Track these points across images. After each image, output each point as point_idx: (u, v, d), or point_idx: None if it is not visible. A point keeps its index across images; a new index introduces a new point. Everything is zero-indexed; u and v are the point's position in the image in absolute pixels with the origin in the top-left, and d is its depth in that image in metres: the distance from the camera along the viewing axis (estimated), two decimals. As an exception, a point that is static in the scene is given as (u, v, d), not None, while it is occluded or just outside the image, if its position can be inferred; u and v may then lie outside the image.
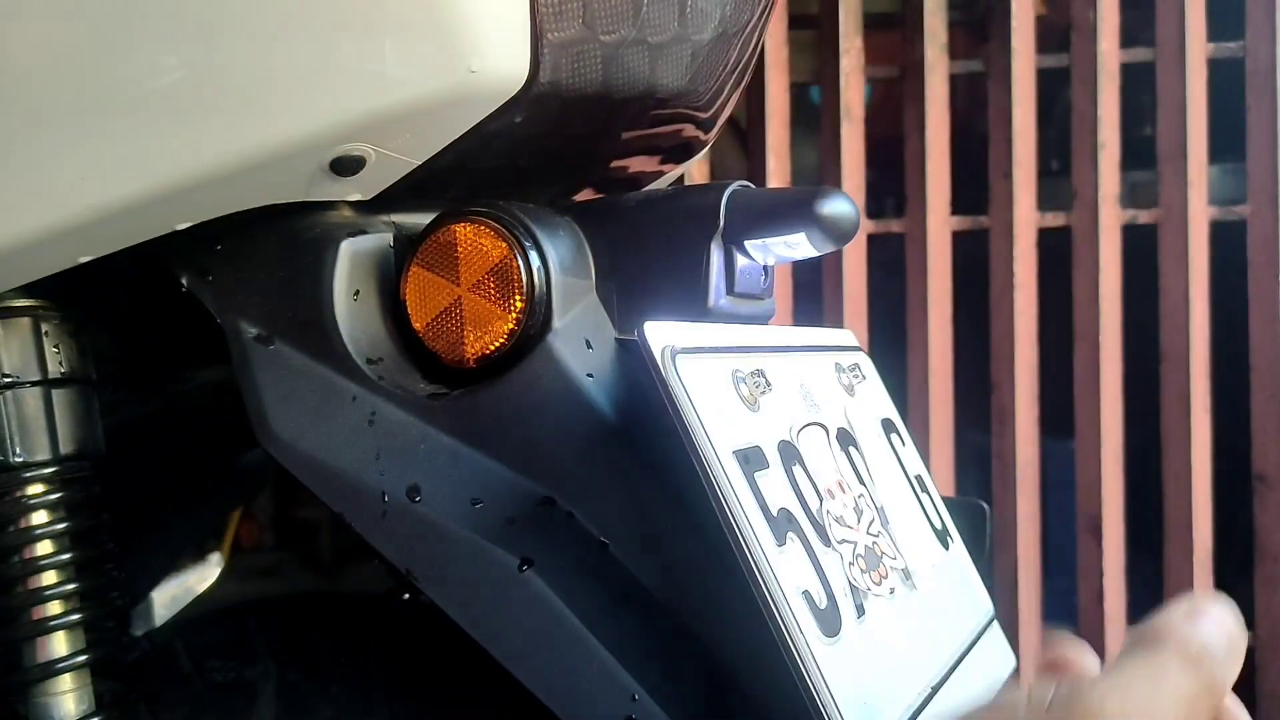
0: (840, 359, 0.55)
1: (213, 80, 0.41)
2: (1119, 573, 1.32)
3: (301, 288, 0.47)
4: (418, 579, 0.44)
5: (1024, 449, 1.33)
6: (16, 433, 0.49)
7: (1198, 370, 1.30)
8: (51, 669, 0.50)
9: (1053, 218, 1.34)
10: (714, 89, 0.55)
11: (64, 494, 0.50)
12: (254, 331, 0.47)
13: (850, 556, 0.46)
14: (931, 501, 0.57)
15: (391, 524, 0.44)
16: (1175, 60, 1.30)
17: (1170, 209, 1.31)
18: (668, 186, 0.67)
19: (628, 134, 0.54)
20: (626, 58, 0.48)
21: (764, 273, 0.51)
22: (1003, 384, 1.34)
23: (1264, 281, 1.29)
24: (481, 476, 0.44)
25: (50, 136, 0.41)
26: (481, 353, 0.46)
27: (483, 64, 0.42)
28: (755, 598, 0.40)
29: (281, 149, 0.42)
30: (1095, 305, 1.31)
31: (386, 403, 0.45)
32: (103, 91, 0.40)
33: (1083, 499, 1.33)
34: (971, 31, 1.52)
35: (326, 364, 0.46)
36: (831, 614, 0.42)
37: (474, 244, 0.46)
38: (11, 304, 0.49)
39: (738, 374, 0.45)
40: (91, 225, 0.42)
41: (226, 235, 0.48)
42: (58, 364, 0.50)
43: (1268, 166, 1.29)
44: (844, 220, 0.47)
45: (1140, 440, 1.34)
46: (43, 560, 0.50)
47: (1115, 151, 1.32)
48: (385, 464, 0.45)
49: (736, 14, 0.53)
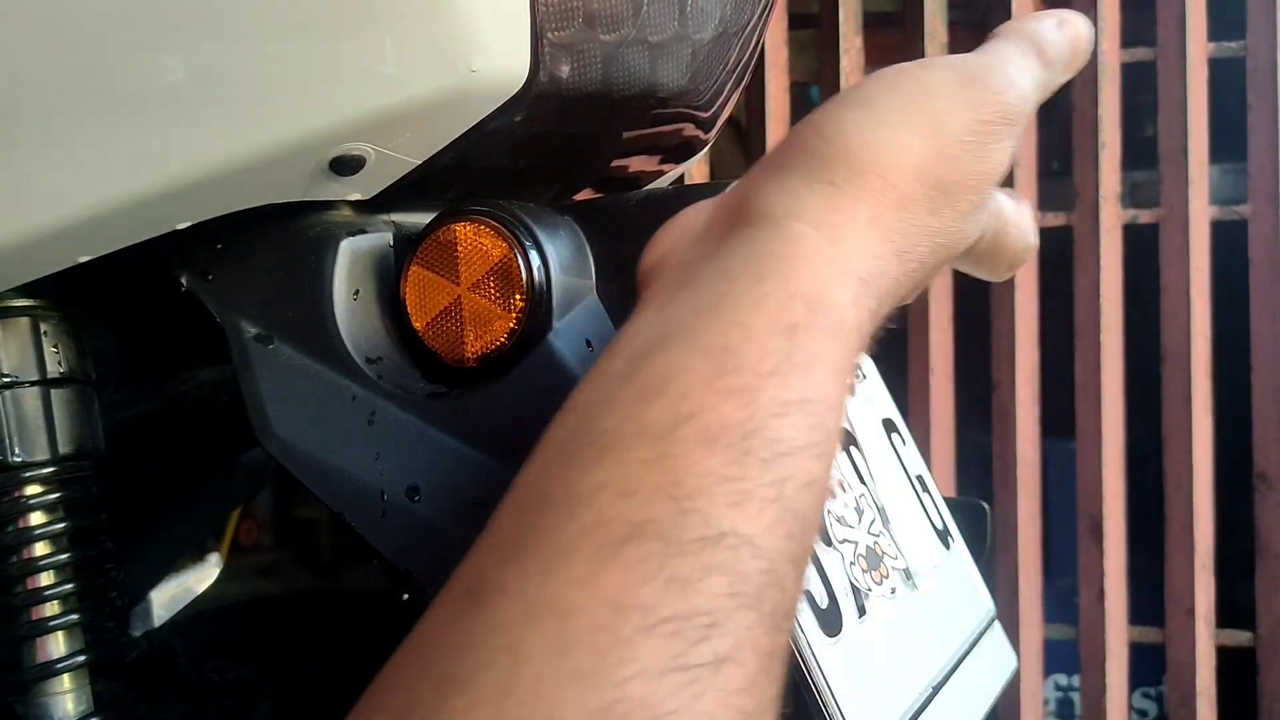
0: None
1: (212, 79, 0.41)
2: (1120, 573, 1.32)
3: (301, 287, 0.46)
4: (417, 579, 0.44)
5: (1025, 449, 1.33)
6: (15, 433, 0.49)
7: (1199, 370, 1.29)
8: (50, 669, 0.49)
9: (1054, 217, 1.34)
10: (714, 88, 0.55)
11: (63, 494, 0.50)
12: (253, 331, 0.47)
13: (851, 556, 0.45)
14: (932, 501, 0.57)
15: (391, 524, 0.44)
16: (1176, 60, 1.29)
17: (1171, 209, 1.31)
18: (668, 186, 0.67)
19: (628, 133, 0.54)
20: (627, 57, 0.48)
21: (764, 272, 0.51)
22: (1003, 384, 1.34)
23: (1265, 281, 1.29)
24: (481, 476, 0.44)
25: (49, 136, 0.41)
26: (482, 352, 0.46)
27: (483, 63, 0.42)
28: (756, 598, 0.39)
29: (281, 148, 0.42)
30: (1096, 305, 1.31)
31: (386, 402, 0.45)
32: (101, 91, 0.40)
33: (1084, 499, 1.33)
34: (972, 31, 1.51)
35: (326, 363, 0.46)
36: (833, 613, 0.42)
37: (474, 243, 0.46)
38: (10, 304, 0.49)
39: (738, 373, 0.45)
40: (90, 225, 0.42)
41: (226, 235, 0.47)
42: (57, 364, 0.50)
43: (1269, 166, 1.29)
44: (845, 219, 0.47)
45: (1141, 440, 1.34)
46: (41, 560, 0.50)
47: (1116, 151, 1.32)
48: (385, 463, 0.45)
49: (737, 13, 0.53)
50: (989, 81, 0.38)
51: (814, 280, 0.34)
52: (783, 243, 0.34)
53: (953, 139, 0.37)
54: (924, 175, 0.36)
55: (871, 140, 0.36)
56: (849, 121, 0.37)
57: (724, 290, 0.33)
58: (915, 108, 0.37)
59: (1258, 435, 1.30)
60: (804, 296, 0.33)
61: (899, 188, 0.36)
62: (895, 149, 0.36)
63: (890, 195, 0.36)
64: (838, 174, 0.36)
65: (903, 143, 0.36)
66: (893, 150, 0.36)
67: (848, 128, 0.37)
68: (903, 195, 0.36)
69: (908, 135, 0.36)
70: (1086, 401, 1.32)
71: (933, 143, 0.37)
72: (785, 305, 0.33)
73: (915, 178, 0.36)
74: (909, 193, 0.36)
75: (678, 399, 0.31)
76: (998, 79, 0.39)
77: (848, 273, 0.34)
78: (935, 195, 0.37)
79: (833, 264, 0.34)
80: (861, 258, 0.35)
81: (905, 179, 0.36)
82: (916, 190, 0.36)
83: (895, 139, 0.36)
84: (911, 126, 0.37)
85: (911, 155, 0.36)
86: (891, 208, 0.36)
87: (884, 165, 0.36)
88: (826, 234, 0.35)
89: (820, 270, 0.34)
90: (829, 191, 0.36)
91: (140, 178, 0.42)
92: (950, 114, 0.37)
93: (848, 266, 0.35)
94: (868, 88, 0.38)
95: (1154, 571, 1.33)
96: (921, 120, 0.37)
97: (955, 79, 0.38)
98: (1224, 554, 1.32)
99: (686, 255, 0.38)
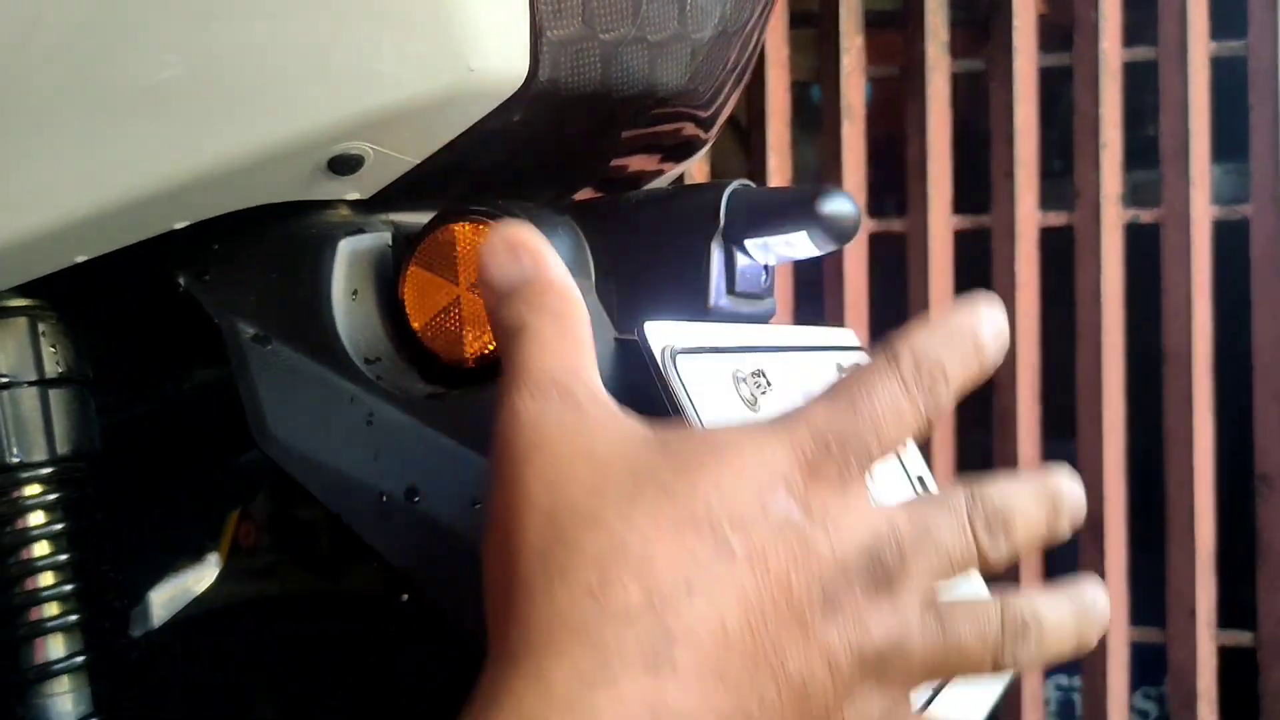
0: (841, 359, 0.55)
1: (210, 78, 0.41)
2: (1121, 573, 1.32)
3: (299, 287, 0.46)
4: (417, 579, 0.44)
5: (1026, 449, 1.33)
6: (13, 433, 0.49)
7: (1200, 370, 1.29)
8: (49, 670, 0.49)
9: (1055, 217, 1.34)
10: (714, 87, 0.55)
11: (61, 494, 0.50)
12: (251, 331, 0.47)
13: (851, 558, 0.45)
14: (933, 502, 0.57)
15: (390, 524, 0.44)
16: (1178, 59, 1.29)
17: (1173, 208, 1.31)
18: (668, 186, 0.67)
19: (627, 133, 0.54)
20: (626, 56, 0.48)
21: (764, 272, 0.51)
22: (1004, 384, 1.33)
23: (1267, 281, 1.29)
24: (481, 476, 0.44)
25: (45, 135, 0.41)
26: (480, 352, 0.45)
27: (482, 62, 0.42)
28: (756, 599, 0.39)
29: (279, 148, 0.42)
30: (1098, 305, 1.31)
31: (385, 403, 0.45)
32: (98, 89, 0.40)
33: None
34: (973, 30, 1.51)
35: (324, 364, 0.46)
36: (832, 616, 0.42)
37: (473, 243, 0.46)
38: (7, 304, 0.49)
39: (738, 374, 0.45)
40: (87, 224, 0.42)
41: (224, 234, 0.47)
42: (54, 364, 0.50)
43: (1270, 166, 1.29)
44: (845, 219, 0.47)
45: (1142, 440, 1.34)
46: (40, 561, 0.50)
47: (1117, 151, 1.32)
48: (384, 464, 0.45)
49: (737, 12, 0.53)
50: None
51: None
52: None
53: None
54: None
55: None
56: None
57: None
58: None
59: (1259, 436, 1.30)
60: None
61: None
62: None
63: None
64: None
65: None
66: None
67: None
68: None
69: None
70: (1087, 402, 1.32)
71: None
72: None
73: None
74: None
75: None
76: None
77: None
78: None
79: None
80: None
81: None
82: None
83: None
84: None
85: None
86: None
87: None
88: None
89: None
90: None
91: (138, 177, 0.42)
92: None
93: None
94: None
95: (1155, 572, 1.33)
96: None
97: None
98: (1225, 554, 1.32)
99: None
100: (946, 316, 0.37)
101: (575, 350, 0.37)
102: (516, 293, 0.37)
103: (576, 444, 0.34)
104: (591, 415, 0.35)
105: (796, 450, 0.34)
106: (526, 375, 0.35)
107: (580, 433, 0.34)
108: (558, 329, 0.36)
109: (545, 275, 0.38)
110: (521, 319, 0.37)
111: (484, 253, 0.38)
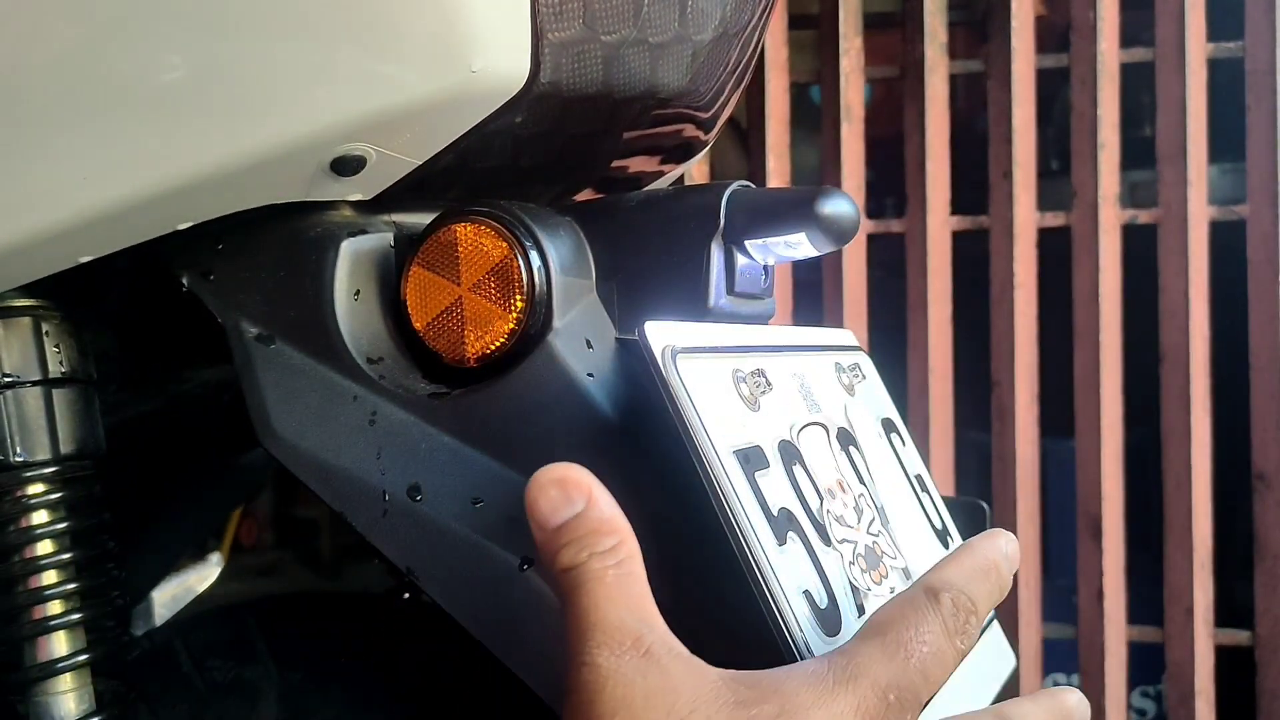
0: (840, 358, 0.55)
1: (213, 80, 0.41)
2: (1119, 572, 1.32)
3: (302, 287, 0.47)
4: (418, 578, 0.44)
5: (1024, 448, 1.33)
6: (17, 432, 0.49)
7: (1198, 370, 1.30)
8: (52, 668, 0.50)
9: (1053, 217, 1.34)
10: (714, 89, 0.55)
11: (64, 493, 0.50)
12: (255, 331, 0.47)
13: (851, 556, 0.46)
14: (932, 501, 0.57)
15: (392, 523, 0.45)
16: (1175, 60, 1.30)
17: (1170, 209, 1.31)
18: (668, 186, 0.67)
19: (628, 134, 0.54)
20: (627, 58, 0.48)
21: (764, 272, 0.51)
22: (1003, 383, 1.34)
23: (1264, 281, 1.29)
24: (482, 476, 0.44)
25: (51, 136, 0.41)
26: (482, 352, 0.46)
27: (484, 64, 0.42)
28: (756, 597, 0.40)
29: (282, 149, 0.42)
30: (1095, 305, 1.31)
31: (387, 402, 0.45)
32: (103, 91, 0.40)
33: (1083, 498, 1.33)
34: (971, 31, 1.52)
35: (327, 363, 0.46)
36: (832, 613, 0.42)
37: (475, 244, 0.46)
38: (12, 304, 0.50)
39: (738, 374, 0.45)
40: (92, 225, 0.42)
41: (227, 235, 0.48)
42: (58, 364, 0.50)
43: (1267, 166, 1.29)
44: (844, 220, 0.47)
45: (1140, 440, 1.34)
46: (43, 560, 0.50)
47: (1115, 151, 1.32)
48: (386, 463, 0.45)
49: (737, 14, 0.53)
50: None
51: None
52: None
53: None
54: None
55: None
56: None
57: None
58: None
59: (1256, 435, 1.30)
60: None
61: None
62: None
63: None
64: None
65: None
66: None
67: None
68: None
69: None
70: (1085, 401, 1.32)
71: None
72: None
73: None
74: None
75: None
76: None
77: None
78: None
79: None
80: None
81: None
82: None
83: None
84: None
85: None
86: None
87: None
88: None
89: None
90: None
91: (142, 178, 0.42)
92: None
93: None
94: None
95: (1153, 571, 1.33)
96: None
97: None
98: (1223, 553, 1.32)
99: None
100: (973, 551, 0.42)
101: (640, 594, 0.38)
102: (570, 530, 0.39)
103: (659, 704, 0.36)
104: (670, 670, 0.37)
105: (862, 710, 0.37)
106: (601, 628, 0.37)
107: (662, 692, 0.36)
108: (618, 571, 0.38)
109: (597, 513, 0.39)
110: (579, 561, 0.38)
111: (532, 490, 0.39)
